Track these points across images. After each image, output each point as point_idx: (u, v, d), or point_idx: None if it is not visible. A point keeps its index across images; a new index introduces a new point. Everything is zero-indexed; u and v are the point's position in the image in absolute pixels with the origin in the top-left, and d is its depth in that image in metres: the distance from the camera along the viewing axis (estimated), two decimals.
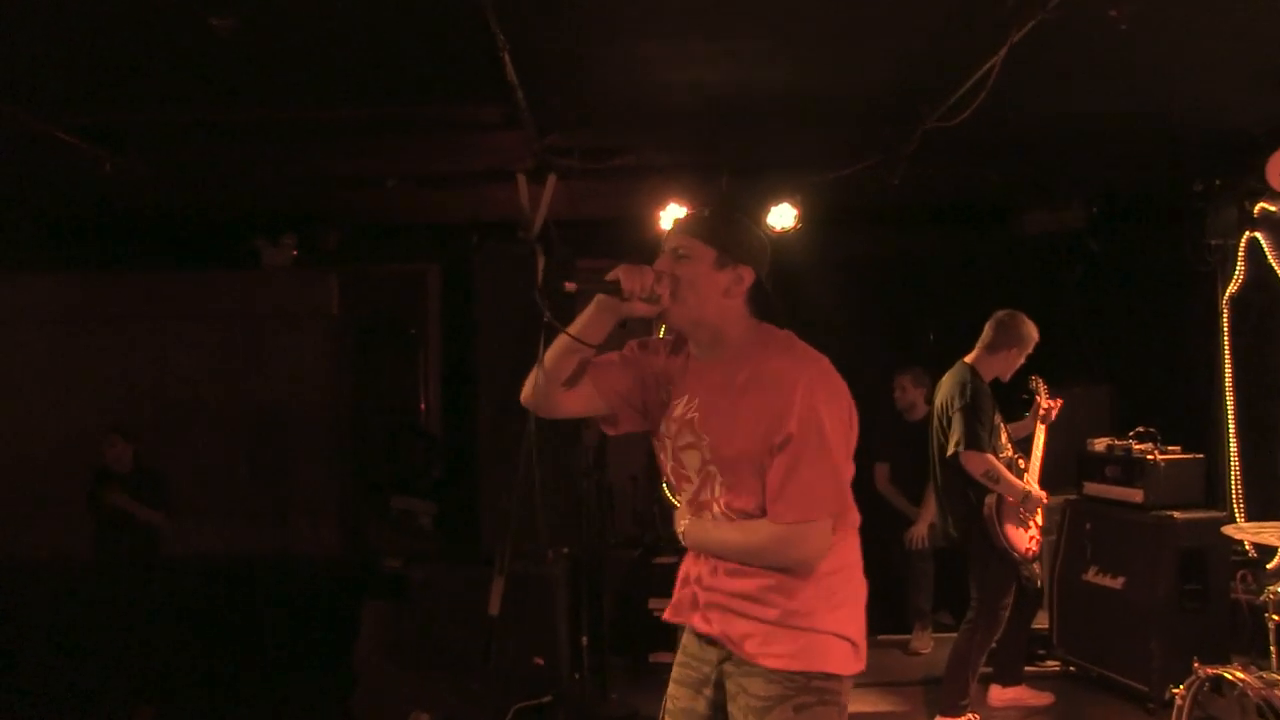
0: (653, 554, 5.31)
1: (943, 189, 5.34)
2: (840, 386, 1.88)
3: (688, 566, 2.04)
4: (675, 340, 2.05)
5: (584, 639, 4.42)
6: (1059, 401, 4.31)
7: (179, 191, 4.94)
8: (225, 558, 5.05)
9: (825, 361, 1.90)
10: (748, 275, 1.93)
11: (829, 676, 1.88)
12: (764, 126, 4.26)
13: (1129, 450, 4.55)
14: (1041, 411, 4.30)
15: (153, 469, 4.77)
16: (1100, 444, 4.78)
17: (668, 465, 2.02)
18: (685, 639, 2.06)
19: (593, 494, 4.83)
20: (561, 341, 1.95)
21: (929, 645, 5.11)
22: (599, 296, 1.90)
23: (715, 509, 1.93)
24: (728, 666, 1.95)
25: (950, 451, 3.98)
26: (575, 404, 2.04)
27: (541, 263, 4.44)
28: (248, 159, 4.52)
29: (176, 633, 4.76)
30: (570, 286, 1.85)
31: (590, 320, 1.96)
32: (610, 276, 1.86)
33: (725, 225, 1.96)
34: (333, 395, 5.38)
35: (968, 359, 4.09)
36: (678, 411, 1.98)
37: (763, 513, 1.85)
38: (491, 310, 4.48)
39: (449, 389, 5.71)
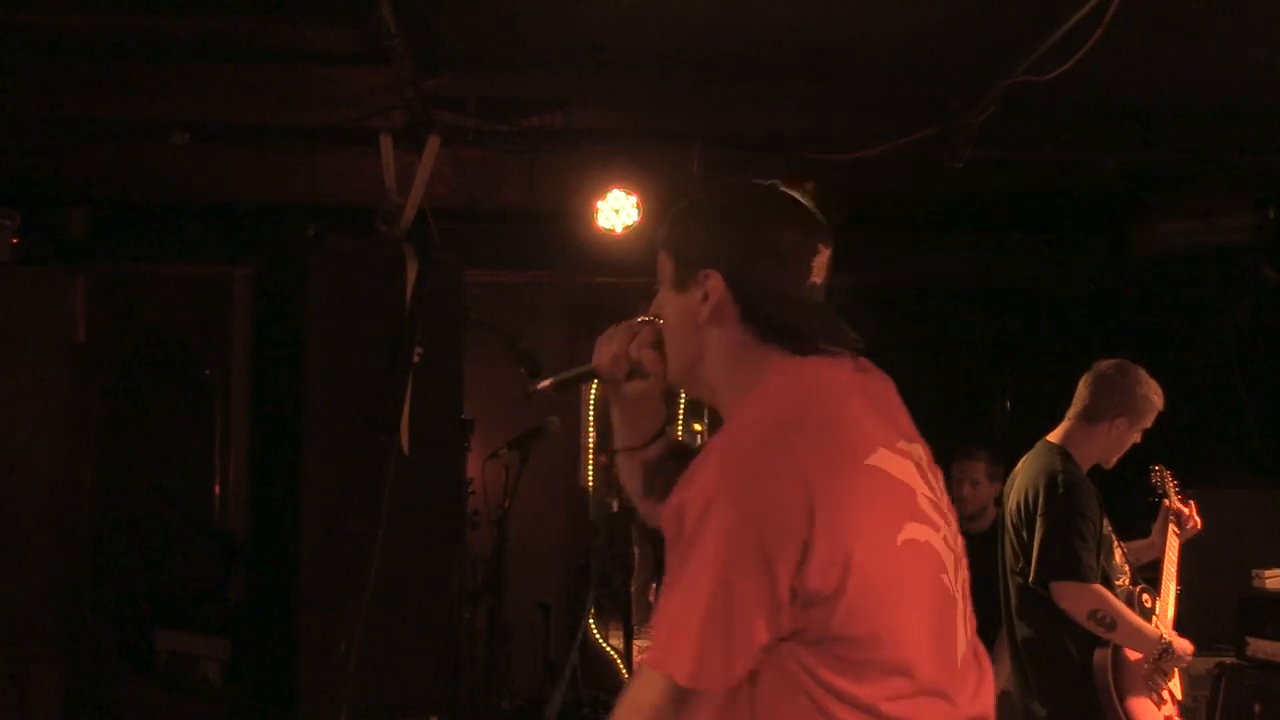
0: None
1: (1030, 179, 5.29)
2: (769, 468, 1.60)
3: None
4: None
5: None
6: (1195, 515, 4.08)
7: None
8: None
9: (784, 417, 1.66)
10: (714, 284, 1.75)
11: None
12: (762, 81, 4.32)
13: None
14: (1174, 522, 4.05)
15: None
16: (1274, 579, 4.55)
17: None
18: None
19: (481, 631, 4.87)
20: (622, 464, 2.02)
21: None
22: (598, 390, 2.03)
23: None
24: None
25: (1034, 578, 3.67)
26: None
27: (412, 271, 4.30)
28: None
29: None
30: (543, 386, 1.98)
31: (620, 425, 2.00)
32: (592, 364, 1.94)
33: (676, 215, 1.86)
34: (66, 469, 5.04)
35: (1052, 437, 3.83)
36: None
37: None
38: (329, 340, 4.32)
39: (259, 461, 5.25)
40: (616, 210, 4.83)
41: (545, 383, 1.95)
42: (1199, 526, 4.06)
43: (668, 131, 4.75)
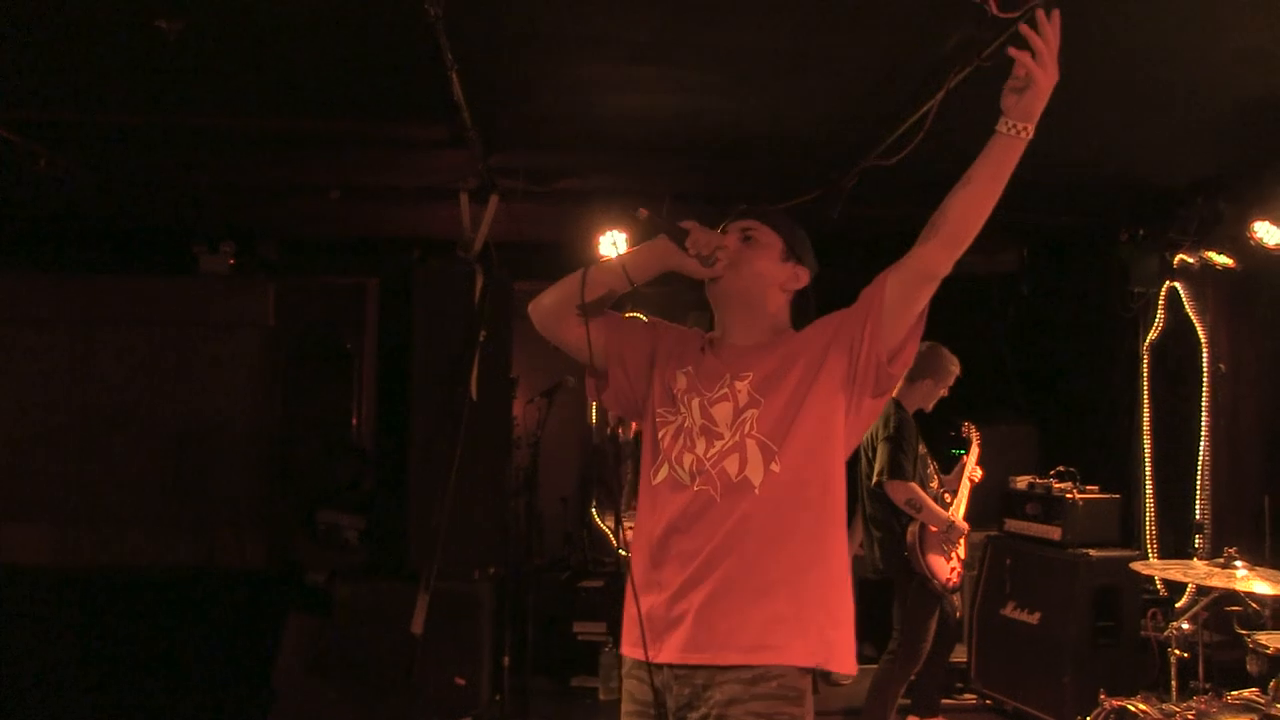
0: (579, 577, 5.62)
1: (881, 226, 5.29)
2: None
3: None
4: (694, 336, 2.18)
5: (506, 660, 4.70)
6: (975, 470, 4.63)
7: (116, 194, 5.14)
8: (145, 569, 5.30)
9: None
10: (804, 276, 2.11)
11: None
12: (708, 155, 4.54)
13: (1049, 489, 4.99)
14: (969, 468, 4.61)
15: None
16: (1022, 482, 5.16)
17: (674, 435, 2.08)
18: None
19: (522, 514, 5.12)
20: (612, 265, 2.04)
21: (850, 676, 5.17)
22: (659, 239, 1.99)
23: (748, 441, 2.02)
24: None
25: (874, 480, 4.28)
26: (579, 335, 2.07)
27: (480, 282, 4.50)
28: (189, 164, 4.78)
29: (83, 646, 4.99)
30: (642, 212, 1.91)
31: (642, 257, 2.05)
32: (685, 224, 1.97)
33: (792, 225, 2.15)
34: (263, 407, 5.61)
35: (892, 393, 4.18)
36: (720, 391, 2.06)
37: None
38: (428, 327, 4.53)
39: (382, 404, 5.60)
40: (613, 242, 5.04)
41: (645, 211, 1.88)
42: (976, 480, 4.57)
43: (645, 190, 4.69)
